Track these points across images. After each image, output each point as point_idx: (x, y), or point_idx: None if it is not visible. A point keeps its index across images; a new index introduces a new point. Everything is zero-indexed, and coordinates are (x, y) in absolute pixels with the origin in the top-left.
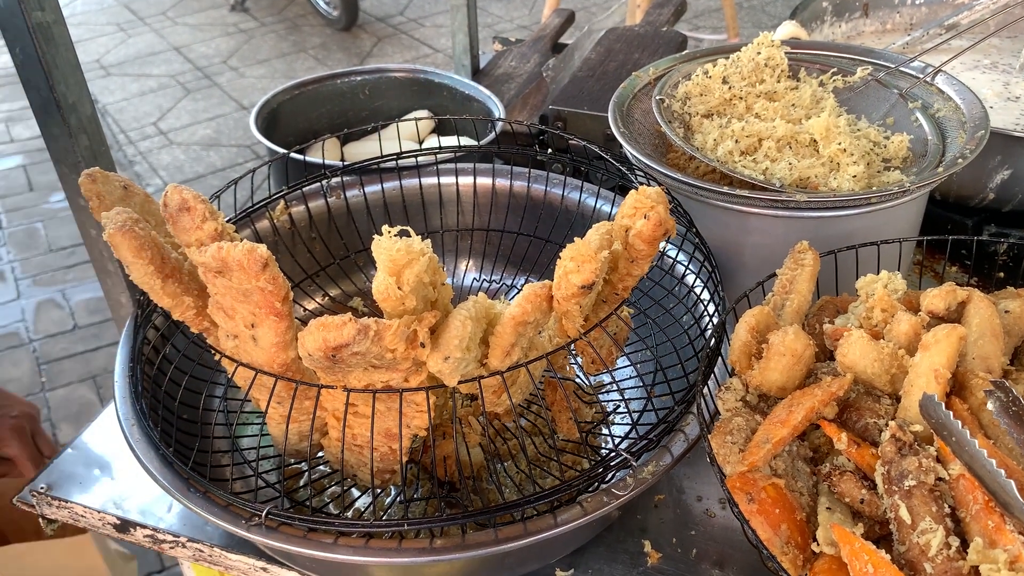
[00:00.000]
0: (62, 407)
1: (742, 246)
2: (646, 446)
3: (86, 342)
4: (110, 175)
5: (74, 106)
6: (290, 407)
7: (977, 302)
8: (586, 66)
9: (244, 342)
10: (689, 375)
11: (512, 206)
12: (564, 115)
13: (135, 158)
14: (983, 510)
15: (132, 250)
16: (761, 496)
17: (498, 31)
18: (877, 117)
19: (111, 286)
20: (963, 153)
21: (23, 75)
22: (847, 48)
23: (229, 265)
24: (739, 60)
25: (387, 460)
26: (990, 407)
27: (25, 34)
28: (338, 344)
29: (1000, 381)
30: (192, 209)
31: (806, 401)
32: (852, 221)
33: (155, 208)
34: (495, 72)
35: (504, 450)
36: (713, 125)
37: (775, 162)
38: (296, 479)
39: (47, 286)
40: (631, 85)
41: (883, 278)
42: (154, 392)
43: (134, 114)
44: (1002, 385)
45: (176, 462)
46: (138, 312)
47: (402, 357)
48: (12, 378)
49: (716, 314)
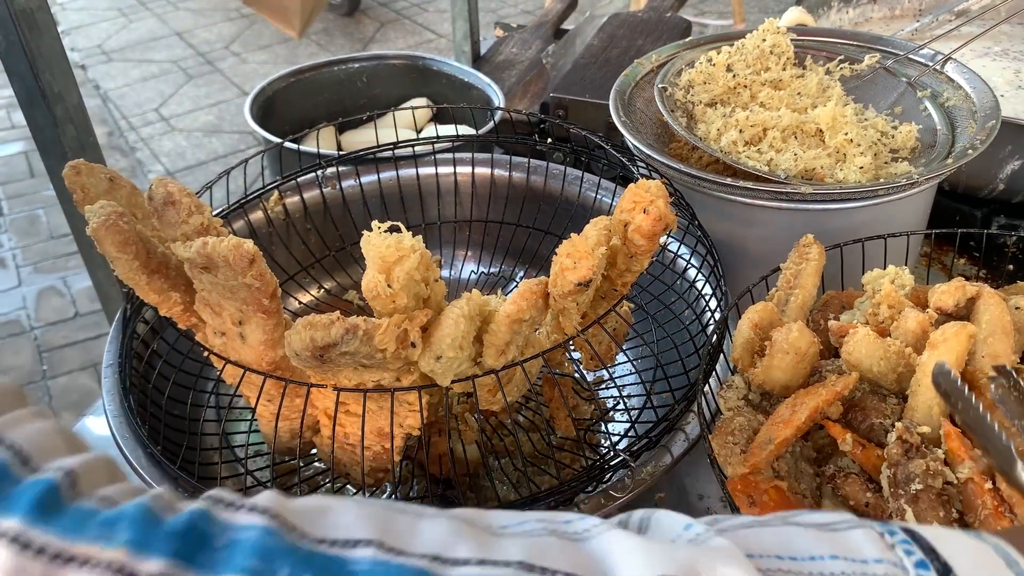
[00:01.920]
0: (63, 395)
1: (745, 239)
2: (645, 445)
3: (87, 330)
4: (95, 167)
5: (60, 95)
6: (279, 406)
7: (987, 298)
8: (588, 53)
9: (232, 339)
10: (690, 372)
11: (511, 197)
12: (565, 103)
13: (137, 144)
14: (992, 515)
15: (116, 245)
16: (763, 499)
17: (501, 16)
18: (885, 106)
19: (102, 279)
20: (973, 143)
21: (7, 63)
22: (854, 35)
23: (215, 261)
24: (744, 47)
25: (380, 459)
26: (992, 394)
27: (8, 21)
28: (326, 344)
29: (1002, 366)
30: (177, 203)
31: (810, 400)
32: (858, 213)
33: (142, 201)
34: (496, 59)
35: (500, 447)
36: (717, 114)
37: (780, 152)
38: (289, 477)
39: (48, 273)
40: (633, 73)
41: (890, 273)
42: (143, 388)
43: (136, 100)
44: (1003, 370)
45: (164, 461)
46: (127, 306)
47: (392, 357)
48: (13, 366)
49: (718, 310)
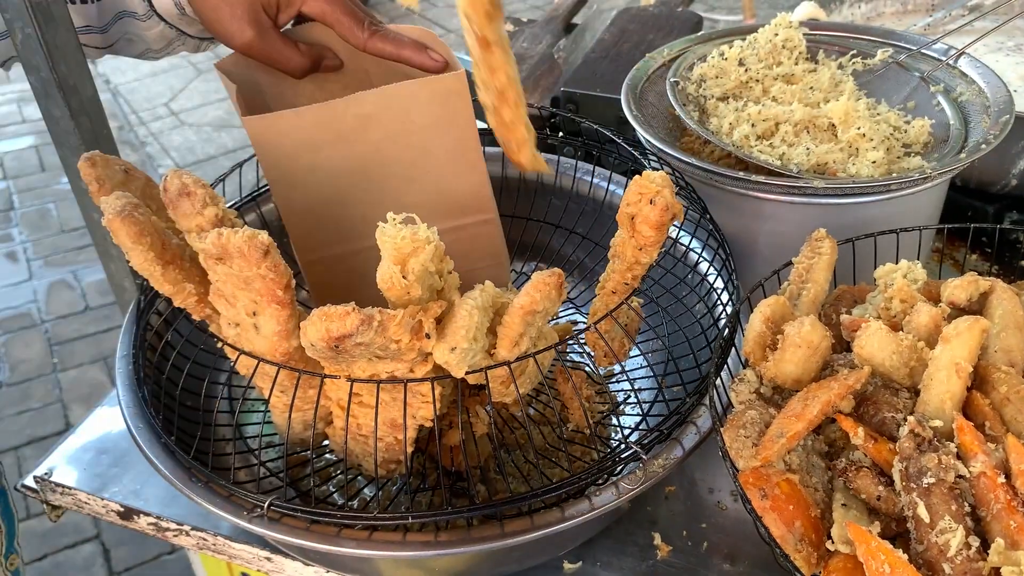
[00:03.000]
0: (73, 388)
1: (757, 233)
2: (657, 438)
3: (97, 323)
4: (110, 159)
5: (75, 88)
6: (293, 396)
7: (1000, 293)
8: (599, 47)
9: (246, 330)
10: (701, 366)
11: (522, 191)
12: (576, 97)
13: (147, 139)
14: (1005, 509)
15: (131, 236)
16: (775, 492)
17: (511, 11)
18: (898, 101)
19: (115, 271)
20: (986, 138)
21: (23, 56)
22: (867, 30)
23: (229, 252)
24: (756, 42)
25: (392, 450)
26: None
27: (25, 13)
28: (341, 335)
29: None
30: (192, 194)
31: (822, 394)
32: (871, 208)
33: (156, 193)
34: None
35: (511, 440)
36: (729, 108)
37: (792, 147)
38: (301, 468)
39: (59, 267)
40: (645, 67)
41: (902, 267)
42: (156, 379)
43: (145, 95)
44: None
45: (178, 451)
46: (141, 297)
47: (407, 348)
48: (24, 359)
49: (730, 303)
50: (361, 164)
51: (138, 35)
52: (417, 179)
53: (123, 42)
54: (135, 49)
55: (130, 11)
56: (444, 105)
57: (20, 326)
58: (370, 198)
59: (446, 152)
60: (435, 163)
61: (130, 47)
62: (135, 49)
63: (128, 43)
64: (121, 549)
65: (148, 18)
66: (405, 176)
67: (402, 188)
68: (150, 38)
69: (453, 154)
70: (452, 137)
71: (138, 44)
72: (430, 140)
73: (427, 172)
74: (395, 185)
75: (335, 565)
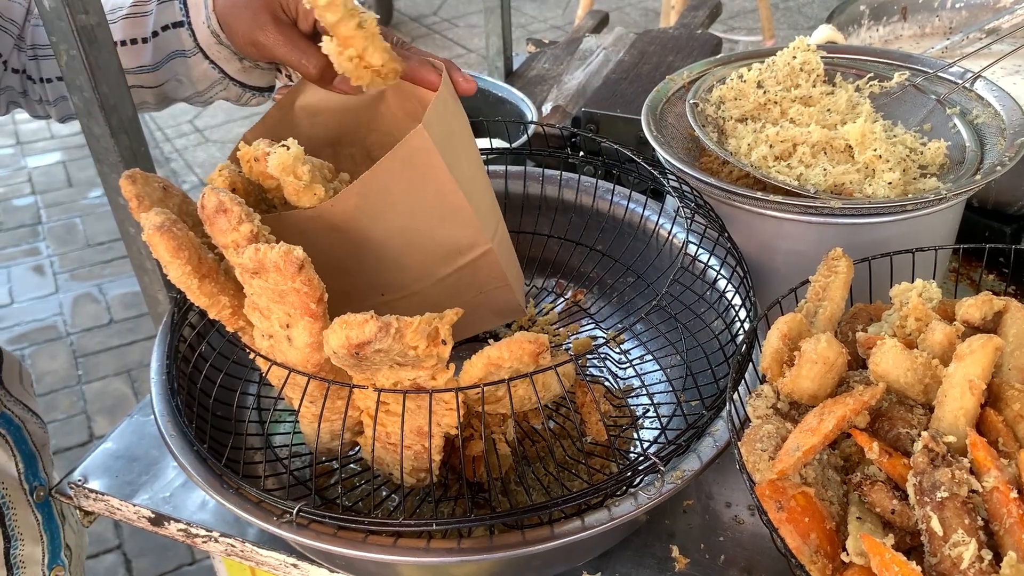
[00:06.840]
0: (98, 400)
1: (775, 252)
2: (675, 451)
3: (122, 336)
4: (150, 176)
5: (115, 107)
6: (322, 406)
7: (1014, 312)
8: (619, 68)
9: (279, 342)
10: (719, 381)
11: (543, 208)
12: (597, 117)
13: (171, 155)
14: (1017, 523)
15: (170, 250)
16: (791, 504)
17: (531, 31)
18: (914, 123)
19: (148, 283)
20: (1002, 160)
21: (68, 76)
22: (884, 53)
23: (265, 266)
24: (774, 64)
25: (421, 458)
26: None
27: (70, 36)
28: (360, 341)
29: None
30: (229, 211)
31: (837, 410)
32: (887, 228)
33: (192, 209)
34: (528, 74)
35: (533, 452)
36: (747, 130)
37: (809, 168)
38: (328, 477)
39: (84, 280)
40: (665, 88)
41: (918, 286)
42: (189, 389)
43: (170, 111)
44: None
45: (210, 458)
46: (175, 310)
47: (424, 354)
48: (49, 370)
49: (748, 320)
50: (356, 248)
51: (187, 75)
52: (412, 242)
53: (173, 83)
54: (183, 92)
55: (180, 50)
56: (415, 166)
57: (46, 338)
58: (369, 268)
59: (429, 207)
60: (423, 221)
61: (179, 89)
62: (183, 92)
63: (177, 84)
64: (142, 560)
65: (194, 54)
66: (400, 246)
67: (401, 252)
68: (196, 77)
69: (436, 206)
70: (431, 191)
71: (186, 86)
72: (413, 203)
73: (418, 232)
74: (393, 256)
75: (360, 571)
